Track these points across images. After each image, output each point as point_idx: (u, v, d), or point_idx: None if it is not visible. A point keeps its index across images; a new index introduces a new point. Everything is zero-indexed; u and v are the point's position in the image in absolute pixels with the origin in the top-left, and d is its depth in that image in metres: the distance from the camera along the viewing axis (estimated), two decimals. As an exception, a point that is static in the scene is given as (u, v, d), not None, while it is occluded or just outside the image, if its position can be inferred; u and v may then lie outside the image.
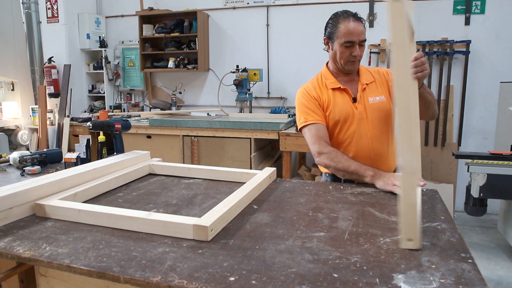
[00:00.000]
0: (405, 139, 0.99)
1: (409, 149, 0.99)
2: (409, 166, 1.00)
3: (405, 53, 0.95)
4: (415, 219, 1.03)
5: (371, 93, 1.93)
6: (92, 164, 1.76)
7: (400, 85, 0.97)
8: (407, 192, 1.02)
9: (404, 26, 0.95)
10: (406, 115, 0.97)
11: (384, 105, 1.92)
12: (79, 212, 1.28)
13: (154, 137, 4.41)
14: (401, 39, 0.95)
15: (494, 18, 4.12)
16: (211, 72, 5.18)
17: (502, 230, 3.45)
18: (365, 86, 1.94)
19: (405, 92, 0.96)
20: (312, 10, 4.65)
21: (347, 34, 1.83)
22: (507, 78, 3.85)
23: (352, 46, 1.84)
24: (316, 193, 1.57)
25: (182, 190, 1.64)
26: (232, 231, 1.18)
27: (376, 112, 1.90)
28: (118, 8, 5.53)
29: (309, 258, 1.00)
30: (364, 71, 2.00)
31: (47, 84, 5.10)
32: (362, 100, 1.92)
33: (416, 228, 1.03)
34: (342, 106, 1.91)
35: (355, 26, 1.83)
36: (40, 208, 1.33)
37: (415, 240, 1.04)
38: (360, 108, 1.91)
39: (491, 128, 4.02)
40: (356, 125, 1.90)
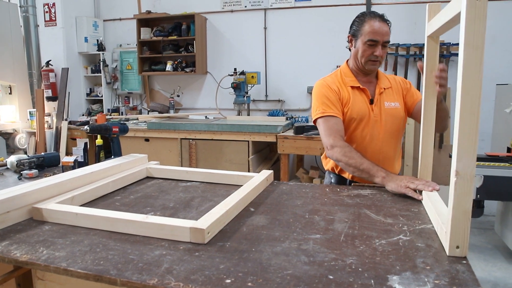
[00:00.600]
0: (466, 143, 0.95)
1: (469, 154, 0.95)
2: (466, 171, 0.96)
3: (479, 56, 0.92)
4: (466, 226, 1.01)
5: (387, 98, 1.97)
6: (90, 167, 1.77)
7: (468, 88, 0.93)
8: (461, 198, 0.99)
9: (484, 28, 0.92)
10: (470, 119, 0.94)
11: (398, 111, 1.97)
12: (76, 216, 1.28)
13: (152, 140, 4.41)
14: (478, 41, 0.92)
15: (490, 21, 4.10)
16: (209, 75, 5.19)
17: (499, 232, 3.46)
18: (383, 90, 1.97)
19: (472, 96, 0.93)
20: (309, 13, 4.68)
21: (371, 33, 1.84)
22: (503, 80, 3.87)
23: (375, 45, 1.85)
24: (313, 195, 1.58)
25: (180, 193, 1.64)
26: (229, 233, 1.19)
27: (389, 117, 1.95)
28: (116, 11, 5.55)
29: (305, 260, 1.00)
30: (382, 76, 2.04)
31: (45, 88, 5.11)
32: (379, 103, 1.95)
33: (465, 236, 1.01)
34: (360, 105, 1.93)
35: (380, 26, 1.84)
36: (38, 212, 1.34)
37: (462, 248, 1.02)
38: (376, 110, 1.94)
39: (488, 129, 4.04)
40: (370, 127, 1.93)
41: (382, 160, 1.92)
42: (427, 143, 1.57)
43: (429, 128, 1.56)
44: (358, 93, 1.96)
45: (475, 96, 0.92)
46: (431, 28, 1.44)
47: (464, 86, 0.92)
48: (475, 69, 0.91)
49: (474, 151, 0.93)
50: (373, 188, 1.67)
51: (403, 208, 1.41)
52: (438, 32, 1.41)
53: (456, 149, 0.96)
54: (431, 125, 1.56)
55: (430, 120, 1.55)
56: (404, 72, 4.45)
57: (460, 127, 0.93)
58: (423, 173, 1.62)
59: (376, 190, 1.65)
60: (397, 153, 2.05)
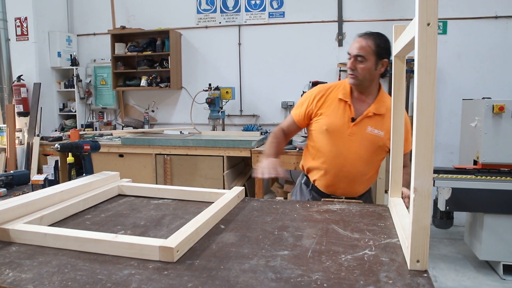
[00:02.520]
0: (422, 162, 0.98)
1: (425, 172, 0.98)
2: (423, 188, 0.99)
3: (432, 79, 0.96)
4: (426, 241, 1.03)
5: (373, 123, 1.95)
6: (60, 186, 1.75)
7: (422, 109, 0.97)
8: (420, 214, 1.01)
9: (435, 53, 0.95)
10: (426, 139, 0.97)
11: (379, 140, 1.94)
12: (45, 236, 1.27)
13: (126, 156, 4.38)
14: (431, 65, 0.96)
15: (455, 39, 4.32)
16: (184, 90, 5.21)
17: (468, 242, 3.56)
18: (371, 114, 1.95)
19: (426, 116, 0.96)
20: (283, 29, 4.77)
21: (350, 47, 1.96)
22: (469, 95, 4.03)
23: (350, 59, 1.93)
24: (283, 211, 1.60)
25: (151, 211, 1.64)
26: (198, 251, 1.20)
27: (366, 141, 1.94)
28: (90, 26, 5.53)
29: (272, 277, 1.02)
30: (381, 101, 1.99)
31: (16, 103, 5.01)
32: (361, 124, 1.95)
33: (425, 250, 1.04)
34: (337, 119, 1.96)
35: (357, 41, 1.94)
36: (4, 233, 1.32)
37: (423, 262, 1.05)
38: (354, 130, 1.94)
39: (456, 143, 4.17)
40: (341, 143, 1.95)
41: (345, 178, 1.94)
42: (396, 159, 1.62)
43: (398, 144, 1.61)
44: (342, 107, 1.98)
45: (429, 117, 0.96)
46: (397, 48, 1.51)
47: (419, 107, 0.96)
48: (428, 91, 0.96)
49: (430, 169, 0.98)
50: (342, 203, 1.71)
51: (370, 223, 1.45)
52: (403, 52, 1.47)
53: (413, 167, 1.00)
54: (400, 142, 1.61)
55: (399, 137, 1.60)
56: (375, 87, 4.57)
57: (417, 146, 0.98)
58: (393, 188, 1.66)
59: (346, 205, 1.69)
60: (365, 177, 2.04)
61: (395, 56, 1.57)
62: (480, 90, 4.18)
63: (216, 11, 5.00)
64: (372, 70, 1.91)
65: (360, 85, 1.96)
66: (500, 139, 3.27)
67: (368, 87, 1.97)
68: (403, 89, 1.59)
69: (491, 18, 4.24)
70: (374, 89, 2.00)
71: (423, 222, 1.02)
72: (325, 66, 4.69)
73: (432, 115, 0.96)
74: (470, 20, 4.28)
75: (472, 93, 4.13)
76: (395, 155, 1.61)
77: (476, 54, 4.31)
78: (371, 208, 1.65)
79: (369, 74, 1.92)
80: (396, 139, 1.60)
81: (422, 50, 0.96)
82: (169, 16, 5.15)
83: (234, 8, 4.95)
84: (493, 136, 3.28)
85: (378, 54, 1.90)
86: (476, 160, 3.42)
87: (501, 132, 3.27)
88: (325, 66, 4.69)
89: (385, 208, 1.66)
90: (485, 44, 4.28)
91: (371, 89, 1.99)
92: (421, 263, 1.05)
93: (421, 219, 1.01)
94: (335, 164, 1.98)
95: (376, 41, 1.91)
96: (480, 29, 4.28)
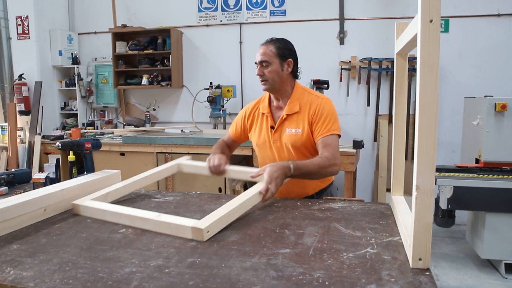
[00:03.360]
0: (425, 159, 0.98)
1: (427, 170, 0.98)
2: (425, 186, 0.99)
3: (434, 76, 0.96)
4: (428, 239, 1.03)
5: (289, 124, 2.00)
6: (61, 184, 1.75)
7: (425, 107, 0.96)
8: (422, 212, 1.01)
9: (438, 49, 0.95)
10: (428, 137, 0.97)
11: (297, 138, 1.97)
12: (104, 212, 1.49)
13: (127, 155, 4.37)
14: (433, 61, 0.95)
15: (457, 37, 4.30)
16: (185, 89, 5.20)
17: (470, 241, 3.55)
18: (285, 116, 2.00)
19: (429, 114, 0.96)
20: (284, 28, 4.76)
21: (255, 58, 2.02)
22: (471, 93, 4.01)
23: (257, 67, 2.00)
24: (284, 209, 1.60)
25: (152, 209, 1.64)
26: (200, 249, 1.20)
27: (288, 143, 1.99)
28: (91, 25, 5.52)
29: (273, 275, 1.02)
30: (294, 101, 2.02)
31: (18, 102, 5.01)
32: (280, 129, 2.02)
33: (427, 248, 1.04)
34: (263, 132, 2.07)
35: (259, 50, 2.02)
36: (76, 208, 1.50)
37: (425, 259, 1.05)
38: (275, 136, 2.02)
39: (458, 141, 4.16)
40: (271, 152, 2.04)
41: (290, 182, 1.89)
42: (398, 157, 1.62)
43: (399, 142, 1.60)
44: (265, 120, 2.08)
45: (431, 114, 0.96)
46: (399, 46, 1.50)
47: (421, 104, 0.96)
48: (431, 88, 0.95)
49: (432, 167, 0.97)
50: (344, 202, 1.70)
51: (372, 221, 1.45)
52: (405, 50, 1.46)
53: (416, 165, 0.99)
54: (402, 139, 1.60)
55: (400, 134, 1.60)
56: (377, 85, 4.56)
57: (419, 144, 0.97)
58: (395, 186, 1.65)
59: (347, 203, 1.68)
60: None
61: (397, 54, 1.56)
62: (482, 88, 4.17)
63: (217, 10, 4.99)
64: (279, 71, 1.98)
65: (273, 89, 2.01)
66: (502, 138, 3.25)
67: (281, 89, 2.02)
68: (405, 86, 1.59)
69: (493, 16, 4.22)
70: (287, 91, 2.04)
71: (425, 220, 1.01)
72: (326, 64, 4.67)
73: (434, 112, 0.96)
74: (472, 18, 4.26)
75: (474, 91, 4.12)
76: (396, 152, 1.61)
77: (478, 52, 4.29)
78: (372, 206, 1.65)
79: (278, 76, 1.98)
80: (398, 136, 1.60)
81: (424, 47, 0.95)
82: (170, 15, 5.14)
83: (235, 7, 4.93)
84: (495, 134, 3.26)
85: (281, 56, 1.99)
86: (478, 158, 3.41)
87: (503, 130, 3.25)
88: (326, 65, 4.67)
89: (387, 206, 1.65)
90: (487, 42, 4.26)
91: (285, 91, 2.03)
92: (423, 261, 1.05)
93: (423, 217, 1.01)
94: None
95: (276, 44, 2.00)
96: (482, 27, 4.26)
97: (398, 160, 1.62)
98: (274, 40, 2.04)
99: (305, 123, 1.96)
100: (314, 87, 3.81)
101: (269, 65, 1.96)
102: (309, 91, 2.06)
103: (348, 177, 3.66)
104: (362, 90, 4.65)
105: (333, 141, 1.90)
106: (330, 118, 1.94)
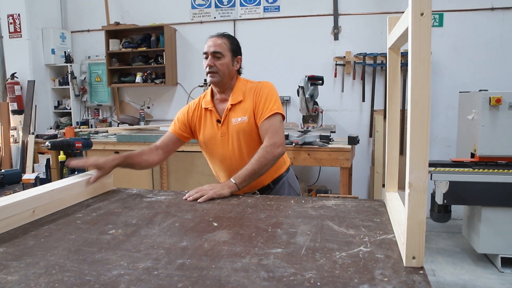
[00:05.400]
0: (417, 155, 0.96)
1: (420, 166, 0.96)
2: (418, 183, 0.97)
3: (426, 69, 0.93)
4: (421, 237, 1.01)
5: (235, 114, 1.99)
6: (51, 185, 1.72)
7: (417, 101, 0.94)
8: (415, 209, 0.99)
9: (429, 43, 0.93)
10: (420, 132, 0.95)
11: (245, 125, 1.96)
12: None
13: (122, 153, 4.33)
14: (425, 54, 0.93)
15: (451, 31, 4.29)
16: (179, 86, 5.17)
17: (466, 235, 3.55)
18: (230, 107, 1.99)
19: (421, 108, 0.94)
20: (278, 24, 4.73)
21: (205, 47, 1.97)
22: (466, 88, 4.00)
23: (207, 58, 1.96)
24: (277, 208, 1.58)
25: (143, 209, 1.62)
26: (190, 250, 1.17)
27: (235, 133, 1.97)
28: (84, 22, 5.47)
29: (264, 276, 1.00)
30: (237, 90, 2.02)
31: (10, 101, 4.97)
32: (226, 121, 1.99)
33: (421, 246, 1.02)
34: (209, 127, 2.03)
35: (212, 40, 1.98)
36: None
37: (419, 258, 1.03)
38: (223, 129, 1.99)
39: (454, 136, 4.15)
40: (220, 147, 2.01)
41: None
42: (391, 152, 1.60)
43: (393, 137, 1.58)
44: (209, 115, 2.05)
45: (424, 109, 0.93)
46: (391, 40, 1.48)
47: (413, 99, 0.94)
48: (423, 82, 0.93)
49: (425, 163, 0.95)
50: (337, 199, 1.68)
51: (366, 218, 1.43)
52: (397, 44, 1.44)
53: (408, 162, 0.97)
54: (395, 134, 1.58)
55: (394, 129, 1.58)
56: (371, 81, 4.54)
57: (411, 140, 0.95)
58: (389, 182, 1.64)
59: (341, 200, 1.66)
60: None
61: (389, 48, 1.54)
62: (477, 83, 4.16)
63: (211, 6, 4.96)
64: (230, 66, 1.98)
65: (220, 83, 1.99)
66: (497, 132, 3.25)
67: (227, 83, 2.01)
68: (398, 81, 1.57)
69: (487, 10, 4.20)
70: (232, 84, 2.04)
71: (418, 217, 0.99)
72: (321, 60, 4.65)
73: (427, 107, 0.93)
74: (466, 12, 4.25)
75: (469, 86, 4.11)
76: (390, 148, 1.59)
77: (473, 46, 4.28)
78: (367, 203, 1.63)
79: (228, 70, 1.97)
80: (391, 131, 1.58)
81: (416, 41, 0.93)
82: (163, 12, 5.10)
83: (229, 3, 4.90)
84: (490, 128, 3.25)
85: (233, 51, 1.99)
86: (474, 153, 3.40)
87: (498, 124, 3.24)
88: (321, 60, 4.65)
89: (381, 203, 1.64)
90: (481, 36, 4.25)
91: (230, 84, 2.03)
92: (417, 260, 1.03)
93: (416, 215, 0.99)
94: (225, 168, 2.04)
95: (229, 39, 2.00)
96: (476, 21, 4.24)
97: (392, 156, 1.60)
98: (227, 35, 2.02)
99: (250, 110, 1.96)
100: (309, 83, 3.78)
101: (221, 57, 1.94)
102: (251, 81, 2.07)
103: (343, 173, 3.64)
104: (357, 86, 4.64)
105: (273, 122, 1.91)
106: (270, 99, 1.96)
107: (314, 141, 3.70)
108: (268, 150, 1.85)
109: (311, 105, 3.83)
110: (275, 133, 1.89)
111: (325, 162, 3.65)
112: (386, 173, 1.63)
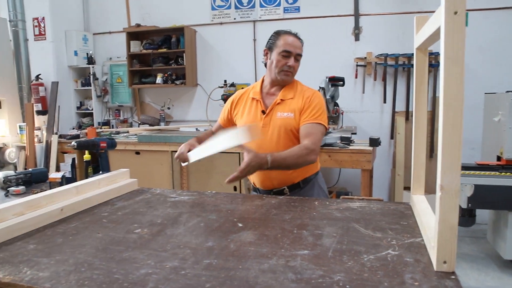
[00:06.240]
0: (449, 158, 0.94)
1: (452, 169, 0.94)
2: (450, 186, 0.95)
3: (460, 70, 0.91)
4: (453, 241, 0.99)
5: (282, 108, 2.02)
6: (78, 184, 1.75)
7: (450, 102, 0.92)
8: (447, 213, 0.96)
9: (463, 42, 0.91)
10: (453, 134, 0.93)
11: (289, 121, 1.99)
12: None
13: (143, 153, 4.39)
14: (458, 55, 0.91)
15: (476, 31, 4.20)
16: (199, 87, 5.20)
17: (492, 240, 3.46)
18: (279, 101, 2.02)
19: (454, 110, 0.92)
20: (298, 25, 4.70)
21: (286, 45, 2.00)
22: (491, 89, 3.91)
23: (288, 56, 1.99)
24: (301, 209, 1.57)
25: (168, 209, 1.62)
26: (216, 250, 1.17)
27: (278, 126, 1.99)
28: (106, 25, 5.56)
29: (292, 277, 0.99)
30: (288, 88, 2.07)
31: (35, 102, 5.08)
32: (271, 113, 2.02)
33: (452, 250, 1.00)
34: (251, 116, 2.07)
35: (294, 40, 2.02)
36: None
37: (450, 262, 1.01)
38: (265, 120, 2.02)
39: (478, 138, 4.06)
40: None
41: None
42: (418, 155, 1.57)
43: (420, 139, 1.55)
44: (254, 105, 2.08)
45: (457, 110, 0.91)
46: (419, 40, 1.45)
47: (446, 100, 0.91)
48: (456, 82, 0.90)
49: (458, 165, 0.93)
50: (362, 201, 1.66)
51: (392, 221, 1.41)
52: (426, 44, 1.41)
53: (439, 164, 0.95)
54: (423, 137, 1.55)
55: (421, 132, 1.55)
56: (393, 82, 4.49)
57: (443, 141, 0.93)
58: (415, 185, 1.60)
59: (366, 202, 1.64)
60: None
61: (417, 49, 1.51)
62: (503, 84, 4.05)
63: (231, 7, 4.97)
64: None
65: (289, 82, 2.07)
66: (524, 134, 3.17)
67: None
68: (425, 82, 1.54)
69: (513, 9, 4.11)
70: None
71: (450, 221, 0.97)
72: (341, 60, 4.62)
73: (460, 109, 0.91)
74: (492, 11, 4.16)
75: (495, 87, 4.01)
76: (417, 150, 1.56)
77: (499, 46, 4.18)
78: (392, 206, 1.61)
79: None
80: (418, 134, 1.55)
81: (449, 40, 0.91)
82: (183, 13, 5.14)
83: (248, 4, 4.91)
84: (518, 131, 3.17)
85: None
86: (500, 156, 3.32)
87: (525, 126, 3.16)
88: (341, 61, 4.62)
89: (407, 206, 1.61)
90: (507, 36, 4.15)
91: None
92: (448, 264, 1.01)
93: (448, 219, 0.97)
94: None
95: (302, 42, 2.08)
96: (502, 20, 4.15)
97: (419, 158, 1.57)
98: (297, 34, 2.08)
99: (297, 110, 2.00)
100: (330, 84, 3.76)
101: (299, 59, 2.03)
102: (301, 84, 2.13)
103: (364, 175, 3.60)
104: (378, 87, 4.58)
105: (317, 131, 1.94)
106: (319, 108, 1.99)
107: (335, 143, 3.67)
108: (305, 152, 1.86)
109: (332, 106, 3.81)
110: (317, 140, 1.92)
111: (346, 164, 3.62)
112: (413, 175, 1.60)
